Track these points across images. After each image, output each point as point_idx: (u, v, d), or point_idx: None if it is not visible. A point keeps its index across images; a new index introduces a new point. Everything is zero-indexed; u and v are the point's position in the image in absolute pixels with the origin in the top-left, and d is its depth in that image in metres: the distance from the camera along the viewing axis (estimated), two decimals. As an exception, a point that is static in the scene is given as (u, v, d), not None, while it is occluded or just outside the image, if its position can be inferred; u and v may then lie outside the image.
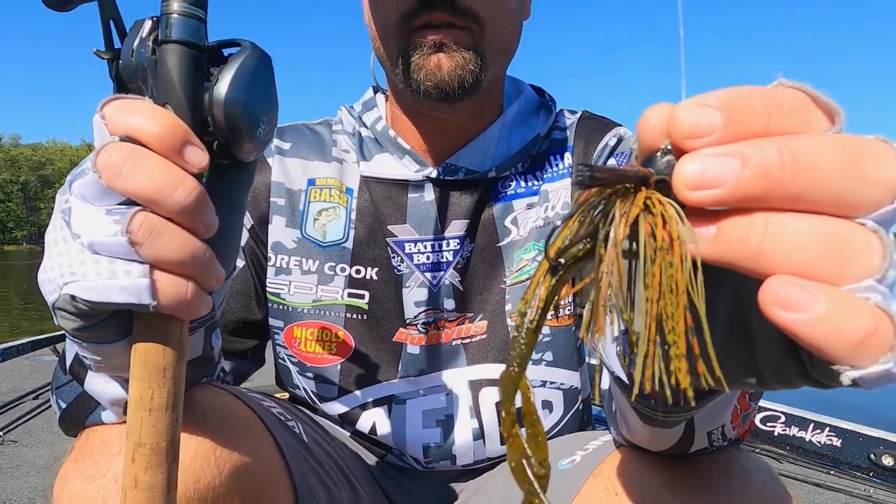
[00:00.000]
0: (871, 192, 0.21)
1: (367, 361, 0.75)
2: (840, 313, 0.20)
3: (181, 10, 0.38)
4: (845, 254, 0.20)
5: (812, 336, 0.20)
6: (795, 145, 0.20)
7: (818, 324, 0.20)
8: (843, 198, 0.21)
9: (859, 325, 0.20)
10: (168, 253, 0.35)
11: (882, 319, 0.20)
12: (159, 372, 0.38)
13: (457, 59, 0.64)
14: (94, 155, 0.34)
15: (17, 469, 1.93)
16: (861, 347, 0.20)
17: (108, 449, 0.48)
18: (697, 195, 0.21)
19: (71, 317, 0.37)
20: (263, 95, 0.42)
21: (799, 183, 0.20)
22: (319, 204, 0.75)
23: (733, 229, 0.21)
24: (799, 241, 0.20)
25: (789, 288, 0.20)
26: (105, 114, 0.35)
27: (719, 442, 0.49)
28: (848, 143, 0.21)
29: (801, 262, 0.20)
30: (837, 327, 0.20)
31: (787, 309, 0.20)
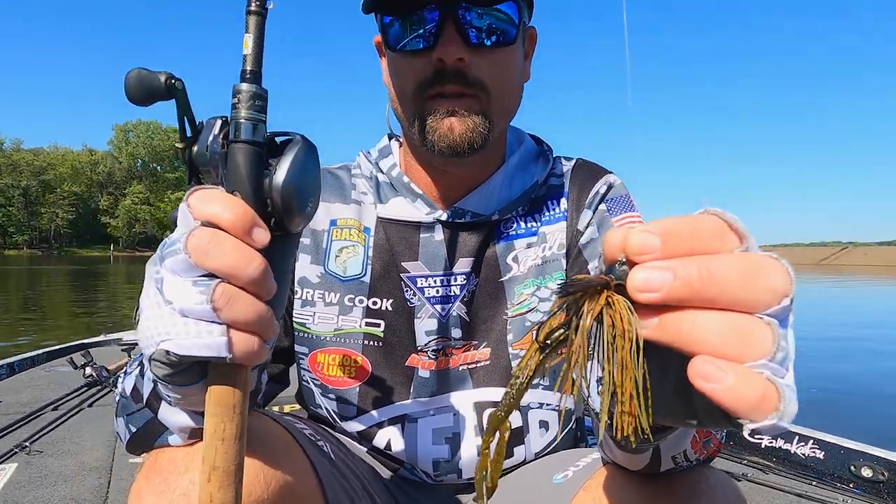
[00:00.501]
0: (764, 297, 0.29)
1: (382, 384, 0.82)
2: (741, 384, 0.28)
3: (247, 116, 0.47)
4: (746, 340, 0.28)
5: (722, 399, 0.28)
6: (711, 263, 0.29)
7: (726, 391, 0.28)
8: (744, 301, 0.29)
9: (755, 393, 0.28)
10: (241, 316, 0.42)
11: (770, 389, 0.28)
12: (230, 409, 0.46)
13: (468, 123, 0.72)
14: (184, 237, 0.42)
15: (45, 479, 2.01)
16: (756, 408, 0.28)
17: (176, 468, 0.56)
18: (644, 296, 0.29)
19: (163, 366, 0.45)
20: (311, 180, 0.50)
21: (712, 291, 0.29)
22: (340, 242, 0.83)
23: (670, 320, 0.30)
24: (714, 331, 0.29)
25: (707, 365, 0.28)
26: (190, 203, 0.44)
27: (684, 463, 0.58)
28: (748, 261, 0.29)
29: (717, 346, 0.29)
30: (739, 394, 0.28)
31: (706, 380, 0.28)
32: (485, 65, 0.72)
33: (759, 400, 0.28)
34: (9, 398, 3.02)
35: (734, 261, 0.29)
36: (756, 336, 0.28)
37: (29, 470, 2.07)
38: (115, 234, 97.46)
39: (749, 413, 0.28)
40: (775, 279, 0.29)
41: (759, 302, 0.29)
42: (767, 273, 0.29)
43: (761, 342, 0.28)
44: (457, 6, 0.70)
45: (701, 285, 0.29)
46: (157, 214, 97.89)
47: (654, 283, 0.29)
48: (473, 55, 0.71)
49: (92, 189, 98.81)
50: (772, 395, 0.28)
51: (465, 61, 0.71)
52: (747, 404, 0.27)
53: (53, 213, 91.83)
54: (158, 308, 0.43)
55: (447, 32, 0.70)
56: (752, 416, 0.28)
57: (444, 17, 0.70)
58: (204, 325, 0.42)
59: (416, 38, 0.72)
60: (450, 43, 0.70)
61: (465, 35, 0.70)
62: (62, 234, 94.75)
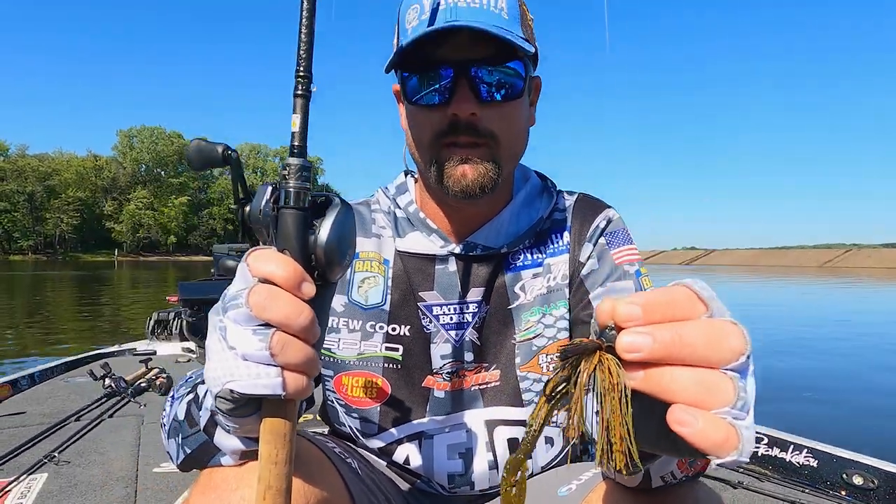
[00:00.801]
0: (725, 355, 0.35)
1: (401, 404, 0.87)
2: (709, 428, 0.34)
3: (295, 186, 0.53)
4: (713, 392, 0.35)
5: (694, 441, 0.34)
6: (682, 329, 0.36)
7: (696, 433, 0.34)
8: (709, 359, 0.35)
9: (720, 436, 0.34)
10: (293, 359, 0.48)
11: (732, 432, 0.34)
12: (282, 437, 0.51)
13: (479, 170, 0.78)
14: (245, 293, 0.48)
15: (75, 488, 2.11)
16: (720, 447, 0.34)
17: (228, 485, 0.61)
18: (630, 356, 0.36)
19: (227, 402, 0.52)
20: (348, 237, 0.56)
21: (684, 351, 0.35)
22: (362, 273, 0.89)
23: (652, 375, 0.36)
24: (688, 384, 0.35)
25: (682, 413, 0.35)
26: (249, 262, 0.50)
27: (671, 480, 0.63)
28: (712, 327, 0.36)
29: (690, 396, 0.35)
30: (707, 436, 0.34)
31: (681, 425, 0.34)
32: (495, 117, 0.78)
33: (723, 441, 0.34)
34: (32, 409, 3.14)
35: (701, 326, 0.36)
36: (721, 388, 0.35)
37: (59, 480, 2.18)
38: (120, 238, 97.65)
39: (715, 451, 0.34)
40: (734, 341, 0.36)
41: (722, 359, 0.36)
42: (727, 336, 0.36)
43: (725, 393, 0.35)
44: (470, 65, 0.76)
45: (674, 347, 0.36)
46: (161, 219, 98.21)
47: (637, 345, 0.36)
48: (485, 109, 0.77)
49: (96, 194, 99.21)
50: (733, 437, 0.34)
51: (477, 115, 0.76)
52: (713, 444, 0.34)
53: (58, 219, 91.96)
54: (223, 353, 0.49)
55: (461, 89, 0.76)
56: (717, 454, 0.35)
57: (458, 76, 0.76)
58: (262, 368, 0.48)
59: (433, 92, 0.78)
60: (463, 99, 0.75)
61: (477, 91, 0.76)
62: (67, 240, 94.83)
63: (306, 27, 0.55)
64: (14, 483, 2.10)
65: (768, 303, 16.95)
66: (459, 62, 0.76)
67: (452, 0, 0.76)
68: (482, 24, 0.74)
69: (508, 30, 0.76)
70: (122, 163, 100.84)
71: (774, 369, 6.67)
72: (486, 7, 0.76)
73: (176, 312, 5.36)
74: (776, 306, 16.01)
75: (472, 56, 0.76)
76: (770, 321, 11.86)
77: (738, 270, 56.04)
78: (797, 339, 9.17)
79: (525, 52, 0.75)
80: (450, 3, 0.76)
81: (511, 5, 0.78)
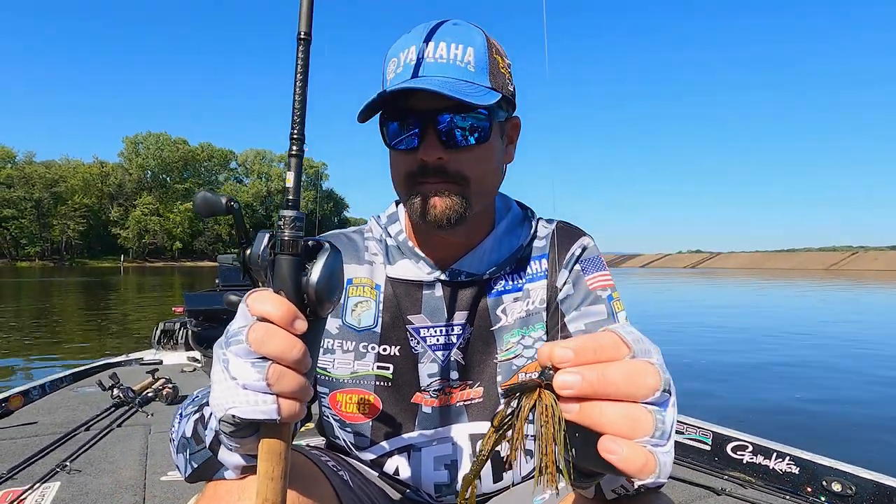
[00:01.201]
0: (643, 391, 0.43)
1: (391, 419, 0.93)
2: (630, 455, 0.41)
3: (289, 235, 0.58)
4: (635, 424, 0.42)
5: (618, 465, 0.41)
6: (606, 370, 0.43)
7: (621, 460, 0.41)
8: (630, 394, 0.42)
9: (639, 461, 0.41)
10: (287, 388, 0.54)
11: (650, 458, 0.41)
12: (277, 455, 0.57)
13: (447, 202, 0.84)
14: (245, 331, 0.54)
15: (86, 496, 2.20)
16: (640, 471, 0.41)
17: (231, 497, 0.67)
18: (564, 392, 0.43)
19: (229, 425, 0.58)
20: (337, 278, 0.61)
21: (608, 388, 0.42)
22: (356, 298, 0.95)
23: (585, 408, 0.43)
24: (613, 417, 0.42)
25: (608, 443, 0.42)
26: (248, 302, 0.56)
27: (623, 492, 0.69)
28: (632, 367, 0.43)
29: (616, 427, 0.42)
30: (629, 462, 0.41)
31: (608, 452, 0.42)
32: (464, 159, 0.84)
33: (642, 466, 0.41)
34: (43, 419, 3.23)
35: (622, 367, 0.44)
36: (641, 420, 0.42)
37: (71, 488, 2.27)
38: (126, 244, 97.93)
39: (636, 474, 0.42)
40: (650, 379, 0.43)
41: (641, 395, 0.43)
42: (645, 375, 0.43)
43: (645, 424, 0.42)
44: (436, 115, 0.82)
45: (599, 384, 0.43)
46: (167, 225, 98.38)
47: (568, 383, 0.43)
48: (452, 154, 0.83)
49: (103, 200, 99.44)
50: (651, 463, 0.42)
51: (444, 159, 0.83)
52: (635, 469, 0.41)
53: (65, 225, 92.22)
54: (226, 382, 0.55)
55: (428, 137, 0.82)
56: (638, 476, 0.42)
57: (426, 124, 0.82)
58: (260, 396, 0.54)
59: (406, 138, 0.85)
60: (430, 146, 0.82)
61: (442, 139, 0.82)
62: (73, 246, 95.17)
63: (300, 93, 0.60)
64: (29, 491, 2.19)
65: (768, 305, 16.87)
66: (426, 112, 0.82)
67: (423, 56, 0.83)
68: (443, 79, 0.81)
69: (472, 82, 0.83)
70: (128, 169, 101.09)
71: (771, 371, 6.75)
72: (451, 62, 0.82)
73: (182, 322, 5.44)
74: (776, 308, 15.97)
75: (439, 105, 0.82)
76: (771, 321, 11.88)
77: (743, 273, 55.70)
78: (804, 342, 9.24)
79: (478, 106, 0.81)
80: (419, 58, 0.83)
81: (478, 58, 0.84)
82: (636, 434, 0.42)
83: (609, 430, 0.43)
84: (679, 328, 11.45)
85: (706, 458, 2.68)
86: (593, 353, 0.44)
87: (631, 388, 0.43)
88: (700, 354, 8.02)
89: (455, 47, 0.83)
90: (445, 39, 0.84)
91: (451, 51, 0.83)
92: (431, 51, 0.83)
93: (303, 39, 0.60)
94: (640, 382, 0.43)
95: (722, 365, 7.29)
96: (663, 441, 0.43)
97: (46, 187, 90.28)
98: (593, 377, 0.43)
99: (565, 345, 0.45)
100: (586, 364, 0.44)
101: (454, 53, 0.83)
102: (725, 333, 10.83)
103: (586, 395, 0.43)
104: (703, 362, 7.38)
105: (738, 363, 7.52)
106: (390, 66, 0.87)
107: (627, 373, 0.43)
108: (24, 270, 60.09)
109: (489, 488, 0.96)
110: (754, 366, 7.36)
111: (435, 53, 0.83)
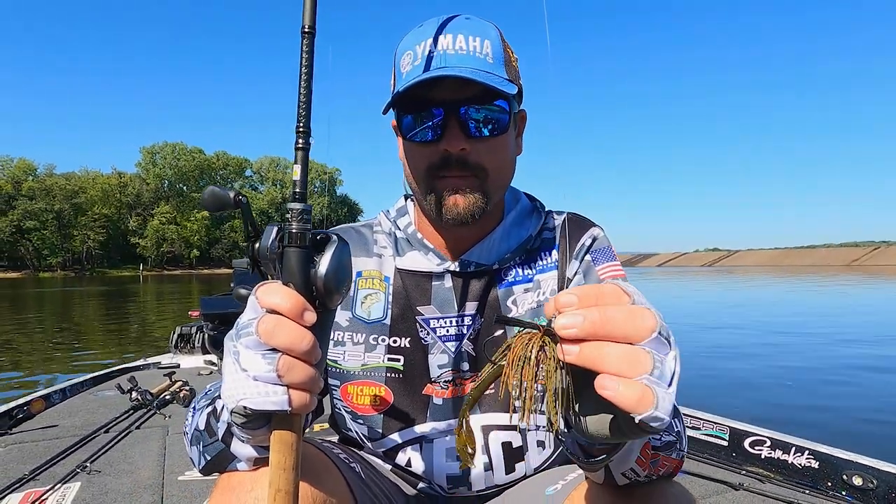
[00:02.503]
0: (641, 332, 0.44)
1: (402, 411, 0.93)
2: (626, 390, 0.42)
3: (297, 228, 0.58)
4: (633, 362, 0.43)
5: (615, 400, 0.42)
6: (607, 311, 0.44)
7: (616, 395, 0.42)
8: (629, 335, 0.44)
9: (636, 394, 0.42)
10: (297, 379, 0.54)
11: (647, 390, 0.42)
12: (289, 446, 0.57)
13: (469, 199, 0.85)
14: (255, 323, 0.54)
15: (106, 496, 2.24)
16: (638, 403, 0.42)
17: (244, 487, 0.69)
18: (567, 332, 0.44)
19: (241, 416, 0.58)
20: (345, 269, 0.61)
21: (607, 328, 0.44)
22: (365, 290, 0.96)
23: (585, 348, 0.44)
24: (612, 357, 0.43)
25: (605, 380, 0.43)
26: (258, 295, 0.56)
27: (635, 477, 0.68)
28: (630, 309, 0.45)
29: (614, 366, 0.43)
30: (625, 396, 0.42)
31: (604, 389, 0.43)
32: (483, 151, 0.84)
33: (639, 398, 0.42)
34: (64, 421, 3.29)
35: (622, 309, 0.45)
36: (640, 360, 0.44)
37: (91, 488, 2.31)
38: (145, 253, 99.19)
39: (633, 408, 0.43)
40: (648, 321, 0.45)
41: (639, 336, 0.44)
42: (643, 317, 0.45)
43: (643, 363, 0.43)
44: (459, 105, 0.82)
45: (601, 324, 0.44)
46: (184, 233, 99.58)
47: (571, 323, 0.45)
48: (473, 144, 0.84)
49: (121, 210, 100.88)
50: (648, 395, 0.43)
51: (466, 150, 0.83)
52: (631, 401, 0.43)
53: (85, 235, 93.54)
54: (237, 374, 0.56)
55: (451, 127, 0.83)
56: (636, 410, 0.43)
57: (449, 115, 0.83)
58: (271, 387, 0.54)
59: (426, 130, 0.85)
60: (454, 136, 0.82)
61: (466, 129, 0.83)
62: (94, 256, 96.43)
63: (305, 87, 0.60)
64: (50, 492, 2.23)
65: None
66: (449, 103, 0.83)
67: (442, 48, 0.83)
68: (468, 69, 0.81)
69: (493, 73, 0.83)
70: (146, 179, 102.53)
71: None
72: (472, 53, 0.83)
73: (198, 326, 5.50)
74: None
75: (461, 96, 0.82)
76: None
77: (761, 271, 54.79)
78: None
79: (508, 94, 0.82)
80: (439, 51, 0.83)
81: (496, 50, 0.85)
82: (635, 372, 0.43)
83: (609, 369, 0.44)
84: (709, 330, 11.29)
85: (723, 453, 2.64)
86: (595, 298, 0.46)
87: (629, 329, 0.44)
88: (726, 354, 7.90)
89: (473, 39, 0.84)
90: (463, 32, 0.84)
91: (469, 42, 0.84)
92: (450, 43, 0.83)
93: (307, 33, 0.61)
94: (638, 324, 0.44)
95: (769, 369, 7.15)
96: (662, 382, 0.44)
97: (67, 199, 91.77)
98: (595, 317, 0.44)
99: (569, 291, 0.47)
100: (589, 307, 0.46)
101: (472, 45, 0.84)
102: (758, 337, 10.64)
103: (587, 336, 0.45)
104: (750, 367, 7.22)
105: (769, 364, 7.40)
106: (405, 60, 0.87)
107: (627, 315, 0.45)
108: (47, 281, 61.03)
109: (501, 480, 0.96)
110: (781, 367, 7.25)
111: (454, 45, 0.83)
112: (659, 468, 0.70)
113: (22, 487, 2.29)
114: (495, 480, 0.95)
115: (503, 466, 0.94)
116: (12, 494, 2.22)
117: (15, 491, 2.25)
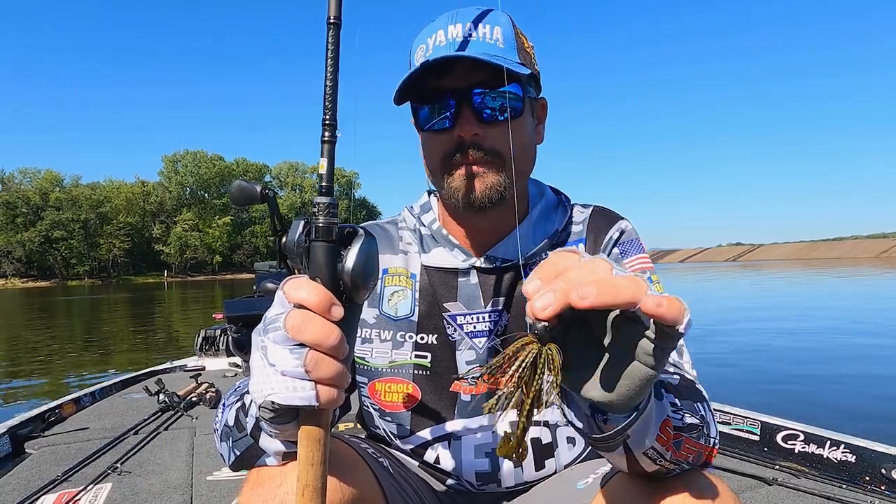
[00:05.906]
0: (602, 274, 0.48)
1: (430, 408, 0.93)
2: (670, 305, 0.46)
3: (324, 222, 0.58)
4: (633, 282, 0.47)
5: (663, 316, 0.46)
6: (569, 275, 0.49)
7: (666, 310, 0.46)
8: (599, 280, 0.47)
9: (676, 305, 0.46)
10: (325, 374, 0.54)
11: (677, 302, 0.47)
12: (317, 441, 0.57)
13: (486, 182, 0.84)
14: (283, 318, 0.54)
15: (137, 496, 2.27)
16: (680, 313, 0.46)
17: (273, 482, 0.69)
18: (546, 313, 0.47)
19: (269, 411, 0.58)
20: (372, 263, 0.60)
21: (578, 286, 0.46)
22: (392, 287, 0.96)
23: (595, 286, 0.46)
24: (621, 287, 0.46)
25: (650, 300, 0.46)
26: (285, 290, 0.56)
27: (662, 462, 0.65)
28: (589, 262, 0.49)
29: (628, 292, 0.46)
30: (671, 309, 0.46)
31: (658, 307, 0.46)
32: (498, 135, 0.85)
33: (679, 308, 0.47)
34: (94, 424, 3.36)
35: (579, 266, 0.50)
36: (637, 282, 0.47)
37: (122, 489, 2.35)
38: (168, 260, 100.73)
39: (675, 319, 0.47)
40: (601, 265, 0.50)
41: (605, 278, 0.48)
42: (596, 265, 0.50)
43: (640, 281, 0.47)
44: (470, 91, 0.83)
45: (569, 287, 0.47)
46: (207, 240, 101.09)
47: (545, 302, 0.47)
48: (487, 129, 0.84)
49: (145, 218, 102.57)
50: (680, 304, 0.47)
51: (480, 135, 0.84)
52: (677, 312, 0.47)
53: (111, 244, 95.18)
54: (265, 369, 0.56)
55: (464, 113, 0.84)
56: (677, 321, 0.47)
57: (461, 102, 0.84)
58: (299, 382, 0.54)
59: (440, 119, 0.86)
60: (466, 122, 0.83)
61: (478, 114, 0.84)
62: (119, 263, 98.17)
63: (331, 79, 0.60)
64: (83, 492, 2.28)
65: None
66: (461, 90, 0.84)
67: (452, 36, 0.85)
68: (477, 53, 0.81)
69: (503, 56, 0.83)
70: (168, 187, 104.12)
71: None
72: (482, 39, 0.85)
73: (222, 329, 5.55)
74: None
75: (472, 81, 0.83)
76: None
77: (785, 265, 53.70)
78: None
79: (519, 74, 0.82)
80: (450, 40, 0.85)
81: (507, 36, 0.86)
82: (642, 288, 0.47)
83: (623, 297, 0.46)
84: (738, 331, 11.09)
85: (755, 448, 2.59)
86: (553, 267, 0.50)
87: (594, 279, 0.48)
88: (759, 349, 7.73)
89: (483, 26, 0.85)
90: (472, 20, 0.85)
91: (479, 29, 0.85)
92: (461, 31, 0.85)
93: (332, 24, 0.61)
94: (600, 272, 0.49)
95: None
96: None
97: (93, 208, 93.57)
98: (561, 285, 0.47)
99: (531, 276, 0.50)
100: (556, 278, 0.49)
101: (483, 32, 0.85)
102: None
103: (566, 305, 0.47)
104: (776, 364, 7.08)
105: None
106: (418, 53, 0.88)
107: (584, 267, 0.49)
108: (75, 289, 62.53)
109: (531, 476, 0.95)
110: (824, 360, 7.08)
111: (465, 33, 0.84)
112: (685, 452, 0.67)
113: (56, 488, 2.33)
114: (525, 477, 0.95)
115: (533, 463, 0.94)
116: (46, 495, 2.26)
117: (49, 492, 2.30)
